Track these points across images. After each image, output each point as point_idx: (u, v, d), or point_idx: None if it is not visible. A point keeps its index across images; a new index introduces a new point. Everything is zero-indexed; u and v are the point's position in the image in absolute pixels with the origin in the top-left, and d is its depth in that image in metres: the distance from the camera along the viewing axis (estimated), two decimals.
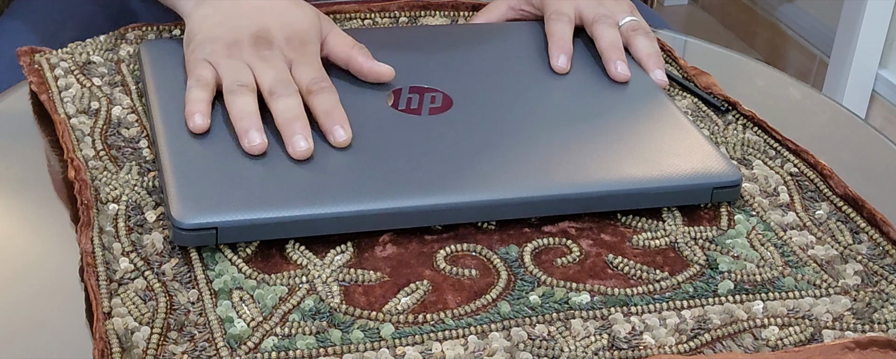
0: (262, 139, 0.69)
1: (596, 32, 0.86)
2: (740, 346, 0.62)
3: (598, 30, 0.86)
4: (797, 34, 2.37)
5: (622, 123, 0.77)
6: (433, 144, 0.72)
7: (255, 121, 0.70)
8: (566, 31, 0.86)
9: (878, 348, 0.59)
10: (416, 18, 0.95)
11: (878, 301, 0.65)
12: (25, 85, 0.82)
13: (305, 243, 0.66)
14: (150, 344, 0.58)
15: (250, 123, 0.70)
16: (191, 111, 0.71)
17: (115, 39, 0.86)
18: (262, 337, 0.59)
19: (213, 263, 0.64)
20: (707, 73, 0.88)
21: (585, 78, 0.83)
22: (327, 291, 0.63)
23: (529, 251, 0.67)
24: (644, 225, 0.70)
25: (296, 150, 0.69)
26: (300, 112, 0.71)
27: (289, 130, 0.70)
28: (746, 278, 0.66)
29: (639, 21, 0.88)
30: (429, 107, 0.76)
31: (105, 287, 0.61)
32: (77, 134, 0.75)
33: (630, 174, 0.70)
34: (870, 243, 0.70)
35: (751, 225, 0.71)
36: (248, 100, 0.72)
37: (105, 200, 0.68)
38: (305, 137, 0.69)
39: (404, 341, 0.60)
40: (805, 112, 0.90)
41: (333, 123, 0.71)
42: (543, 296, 0.63)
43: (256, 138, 0.69)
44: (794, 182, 0.76)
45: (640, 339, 0.61)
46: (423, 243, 0.67)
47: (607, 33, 0.86)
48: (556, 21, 0.87)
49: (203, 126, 0.71)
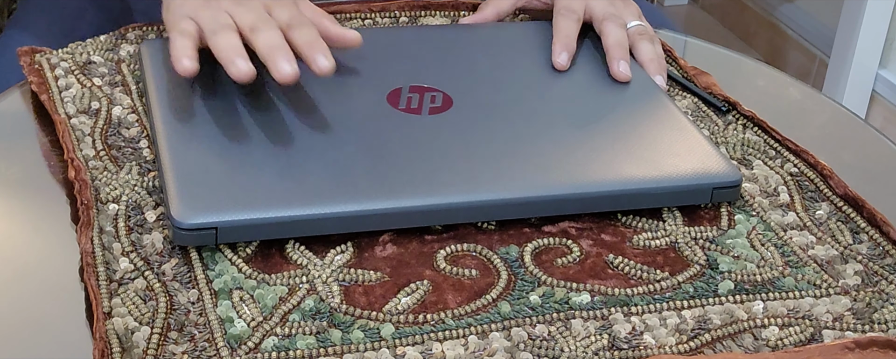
0: (249, 67, 0.70)
1: (604, 29, 0.86)
2: (740, 346, 0.61)
3: (606, 27, 0.86)
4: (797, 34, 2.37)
5: (622, 123, 0.77)
6: (433, 143, 0.72)
7: (239, 51, 0.71)
8: (572, 28, 0.86)
9: (878, 348, 0.59)
10: (416, 18, 0.95)
11: (878, 301, 0.65)
12: (25, 85, 0.82)
13: (305, 243, 0.66)
14: (150, 344, 0.58)
15: (235, 52, 0.71)
16: (177, 56, 0.72)
17: (115, 39, 0.86)
18: (262, 337, 0.59)
19: (213, 263, 0.64)
20: (707, 73, 0.88)
21: (586, 78, 0.83)
22: (327, 291, 0.63)
23: (529, 251, 0.67)
24: (644, 225, 0.70)
25: (281, 73, 0.70)
26: (282, 43, 0.72)
27: (272, 56, 0.71)
28: (747, 278, 0.66)
29: (646, 26, 0.89)
30: (429, 107, 0.76)
31: (105, 287, 0.61)
32: (77, 134, 0.75)
33: (630, 174, 0.70)
34: (870, 243, 0.70)
35: (751, 225, 0.71)
36: (231, 36, 0.73)
37: (105, 200, 0.68)
38: (289, 60, 0.71)
39: (404, 341, 0.60)
40: (805, 112, 0.90)
41: (315, 51, 0.72)
42: (544, 296, 0.63)
43: (242, 65, 0.70)
44: (794, 182, 0.76)
45: (641, 339, 0.61)
46: (423, 243, 0.67)
47: (615, 32, 0.86)
48: (564, 17, 0.87)
49: (191, 68, 0.71)
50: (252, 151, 0.70)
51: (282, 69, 0.70)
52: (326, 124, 0.73)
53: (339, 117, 0.74)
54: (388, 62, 0.80)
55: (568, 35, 0.85)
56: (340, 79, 0.78)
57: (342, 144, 0.71)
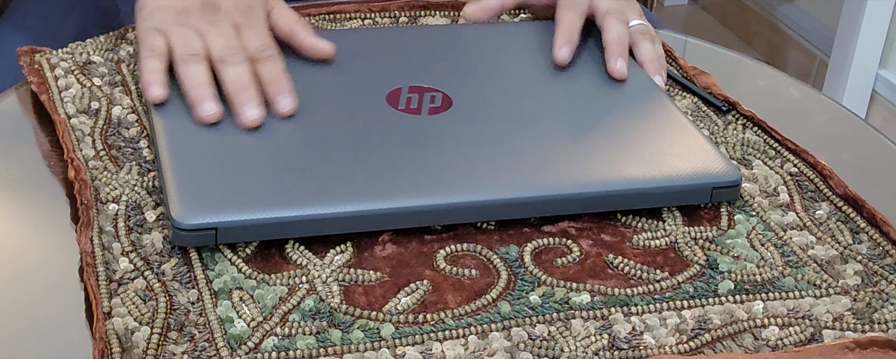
0: (217, 109, 0.71)
1: (605, 25, 0.85)
2: (740, 346, 0.61)
3: (607, 23, 0.85)
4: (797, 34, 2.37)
5: (622, 123, 0.77)
6: (433, 144, 0.72)
7: (208, 90, 0.72)
8: (575, 21, 0.86)
9: (878, 348, 0.59)
10: (416, 18, 0.95)
11: (878, 301, 0.65)
12: (25, 85, 0.82)
13: (305, 243, 0.66)
14: (150, 344, 0.58)
15: (204, 92, 0.72)
16: (147, 82, 0.73)
17: (115, 39, 0.86)
18: (262, 337, 0.59)
19: (213, 263, 0.64)
20: (707, 73, 0.88)
21: (585, 78, 0.83)
22: (327, 291, 0.63)
23: (529, 251, 0.67)
24: (644, 225, 0.70)
25: (245, 119, 0.71)
26: (248, 81, 0.73)
27: (238, 99, 0.72)
28: (746, 278, 0.66)
29: (647, 26, 0.88)
30: (429, 107, 0.76)
31: (105, 287, 0.61)
32: (77, 134, 0.75)
33: (630, 174, 0.70)
34: (870, 243, 0.70)
35: (751, 225, 0.71)
36: (200, 69, 0.73)
37: (105, 200, 0.68)
38: (256, 103, 0.72)
39: (404, 341, 0.60)
40: (805, 112, 0.90)
41: (277, 91, 0.73)
42: (543, 296, 0.63)
43: (211, 108, 0.71)
44: (794, 182, 0.76)
45: (641, 339, 0.61)
46: (423, 243, 0.67)
47: (616, 28, 0.85)
48: (567, 10, 0.86)
49: (161, 96, 0.73)
50: (252, 152, 0.70)
51: (246, 115, 0.72)
52: (326, 124, 0.73)
53: (338, 117, 0.74)
54: (388, 62, 0.80)
55: (570, 29, 0.85)
56: (340, 79, 0.78)
57: (342, 144, 0.71)
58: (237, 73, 0.73)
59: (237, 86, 0.73)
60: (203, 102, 0.71)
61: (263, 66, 0.74)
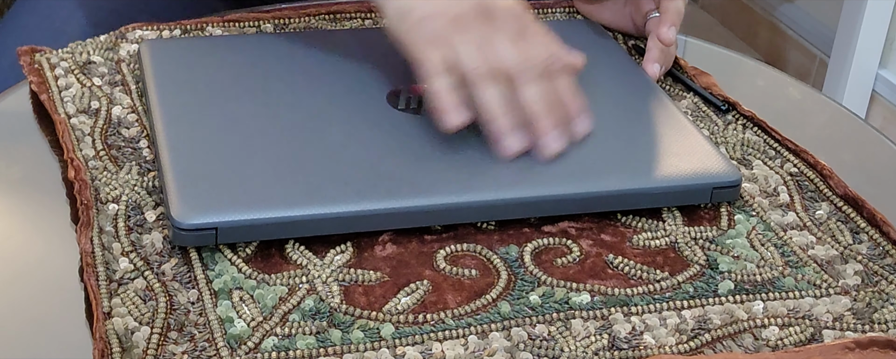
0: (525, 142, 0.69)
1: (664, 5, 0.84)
2: (740, 346, 0.61)
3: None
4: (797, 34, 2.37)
5: (622, 123, 0.77)
6: (433, 144, 0.72)
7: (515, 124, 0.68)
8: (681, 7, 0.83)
9: (878, 348, 0.59)
10: None
11: (878, 301, 0.65)
12: (25, 85, 0.82)
13: (305, 243, 0.66)
14: (150, 344, 0.58)
15: (509, 125, 0.68)
16: (445, 107, 0.68)
17: (115, 39, 0.86)
18: (262, 337, 0.59)
19: (213, 263, 0.64)
20: (707, 73, 0.88)
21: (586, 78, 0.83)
22: (327, 291, 0.63)
23: (529, 251, 0.67)
24: (644, 225, 0.70)
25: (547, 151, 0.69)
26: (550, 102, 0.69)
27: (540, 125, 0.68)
28: (746, 278, 0.66)
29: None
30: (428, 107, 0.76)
31: (105, 287, 0.61)
32: (77, 134, 0.74)
33: (630, 174, 0.70)
34: (870, 243, 0.70)
35: (751, 225, 0.71)
36: (502, 91, 0.68)
37: (105, 200, 0.68)
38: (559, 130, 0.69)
39: (404, 341, 0.60)
40: (805, 112, 0.90)
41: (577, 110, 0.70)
42: (543, 296, 0.63)
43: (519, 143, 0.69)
44: (794, 182, 0.76)
45: (641, 339, 0.61)
46: (423, 243, 0.67)
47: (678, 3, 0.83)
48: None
49: (465, 121, 0.68)
50: (252, 152, 0.69)
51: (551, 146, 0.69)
52: (326, 124, 0.73)
53: (338, 117, 0.74)
54: (388, 62, 0.80)
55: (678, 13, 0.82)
56: (340, 79, 0.78)
57: (342, 144, 0.71)
58: (536, 93, 0.67)
59: (539, 109, 0.68)
60: (511, 135, 0.67)
61: (558, 81, 0.69)
